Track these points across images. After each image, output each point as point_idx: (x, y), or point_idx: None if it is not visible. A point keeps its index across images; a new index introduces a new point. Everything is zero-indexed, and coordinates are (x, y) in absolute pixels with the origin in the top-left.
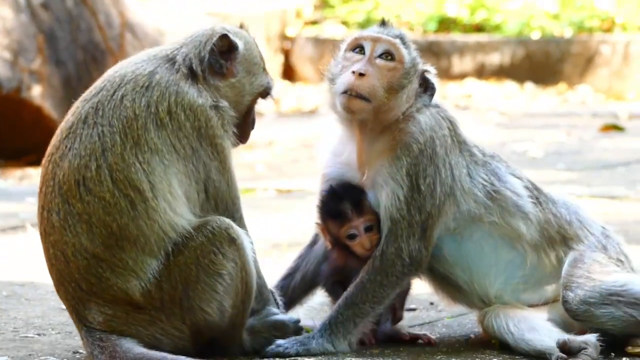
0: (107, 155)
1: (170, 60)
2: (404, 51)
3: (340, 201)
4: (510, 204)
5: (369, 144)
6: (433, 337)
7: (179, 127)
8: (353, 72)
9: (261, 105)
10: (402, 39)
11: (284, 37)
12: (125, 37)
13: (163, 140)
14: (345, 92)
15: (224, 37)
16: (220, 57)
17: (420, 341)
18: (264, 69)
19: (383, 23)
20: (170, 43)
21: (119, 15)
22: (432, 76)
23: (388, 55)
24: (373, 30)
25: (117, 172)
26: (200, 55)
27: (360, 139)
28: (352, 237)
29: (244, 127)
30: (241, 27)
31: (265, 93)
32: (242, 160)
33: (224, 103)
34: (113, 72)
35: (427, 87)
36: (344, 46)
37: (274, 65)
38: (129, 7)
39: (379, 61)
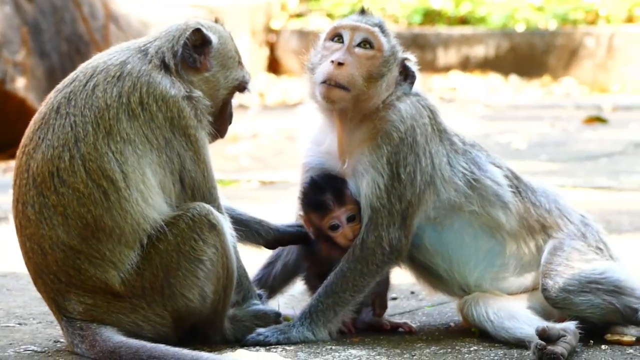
0: (79, 145)
1: (143, 51)
2: (382, 39)
3: (322, 192)
4: (490, 193)
5: (349, 132)
6: (414, 325)
7: (151, 118)
8: (332, 62)
9: (241, 99)
10: (381, 27)
11: (269, 30)
12: (109, 29)
13: (136, 130)
14: (324, 81)
15: (197, 32)
16: (194, 51)
17: (400, 329)
18: (240, 63)
19: (362, 11)
20: (144, 37)
21: (103, 6)
22: (412, 64)
23: (367, 43)
24: (352, 19)
25: (90, 162)
26: (173, 49)
27: (340, 127)
28: (334, 227)
29: (221, 121)
30: (216, 21)
31: (241, 87)
32: (226, 152)
33: (197, 93)
34: (87, 64)
35: (407, 75)
36: (323, 35)
37: (259, 58)
38: None
39: (357, 50)
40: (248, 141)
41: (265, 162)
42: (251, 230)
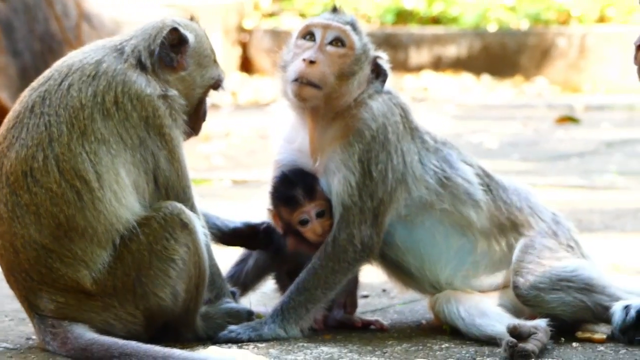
0: (54, 145)
1: (119, 50)
2: (354, 37)
3: (292, 187)
4: (462, 191)
5: (321, 130)
6: (385, 323)
7: (125, 117)
8: (304, 60)
9: (215, 97)
10: (353, 25)
11: (241, 30)
12: (82, 28)
13: (110, 130)
14: (296, 79)
15: (174, 31)
16: (171, 50)
17: (372, 327)
18: (215, 61)
19: (334, 10)
20: (119, 35)
21: (76, 5)
22: (384, 62)
23: (338, 41)
24: (324, 17)
25: (63, 162)
26: (150, 48)
27: (312, 125)
28: (303, 222)
29: (195, 119)
30: (192, 19)
31: (216, 85)
32: (198, 151)
33: (172, 92)
34: (62, 62)
35: (379, 74)
36: (295, 34)
37: (231, 57)
38: None
39: (329, 48)
40: (220, 140)
41: (238, 161)
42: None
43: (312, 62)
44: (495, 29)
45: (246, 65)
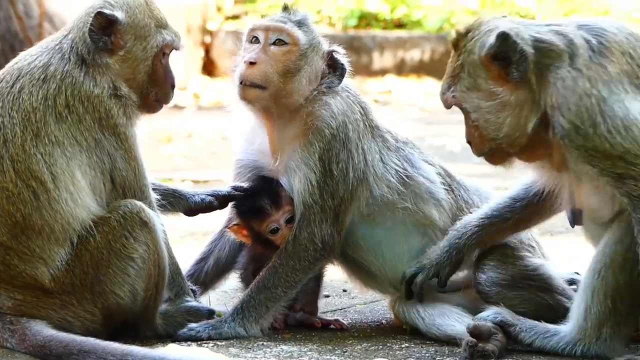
0: (8, 146)
1: (59, 49)
2: (297, 33)
3: (258, 198)
4: (423, 190)
5: (279, 130)
6: (345, 322)
7: (79, 120)
8: (244, 62)
9: (177, 99)
10: (299, 22)
11: (204, 31)
12: (44, 27)
13: (64, 133)
14: (240, 82)
15: (99, 15)
16: (103, 33)
17: (332, 327)
18: (158, 26)
19: (285, 8)
20: (60, 30)
21: (38, 5)
22: (341, 56)
23: (281, 40)
24: (268, 19)
25: (18, 163)
26: (83, 38)
27: (269, 125)
28: (274, 231)
29: (159, 87)
30: None
31: (165, 50)
32: (160, 152)
33: (123, 90)
34: (12, 64)
35: (335, 68)
36: (243, 38)
37: (194, 59)
38: None
39: (272, 48)
40: (182, 141)
41: (200, 162)
42: (165, 202)
43: (252, 63)
44: None
45: (209, 67)
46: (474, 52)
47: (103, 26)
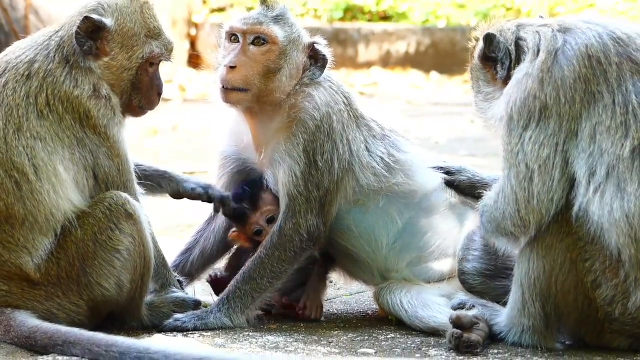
0: None
1: (46, 47)
2: (275, 32)
3: (238, 203)
4: (413, 167)
5: (263, 124)
6: (331, 313)
7: (60, 119)
8: (225, 66)
9: (165, 91)
10: (277, 17)
11: (190, 24)
12: (29, 20)
13: (46, 129)
14: (222, 86)
15: (87, 19)
16: (90, 38)
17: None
18: (150, 37)
19: (264, 2)
20: (51, 26)
21: None
22: (322, 47)
23: (260, 40)
24: (249, 17)
25: (0, 154)
26: (71, 38)
27: (252, 121)
28: (258, 233)
29: (143, 94)
30: None
31: (152, 61)
32: (145, 145)
33: (104, 90)
34: (3, 56)
35: (317, 59)
36: (223, 35)
37: (179, 51)
38: None
39: (252, 48)
40: (168, 134)
41: (185, 155)
42: (153, 183)
43: (232, 68)
44: (444, 25)
45: (195, 60)
46: (474, 56)
47: (90, 30)
